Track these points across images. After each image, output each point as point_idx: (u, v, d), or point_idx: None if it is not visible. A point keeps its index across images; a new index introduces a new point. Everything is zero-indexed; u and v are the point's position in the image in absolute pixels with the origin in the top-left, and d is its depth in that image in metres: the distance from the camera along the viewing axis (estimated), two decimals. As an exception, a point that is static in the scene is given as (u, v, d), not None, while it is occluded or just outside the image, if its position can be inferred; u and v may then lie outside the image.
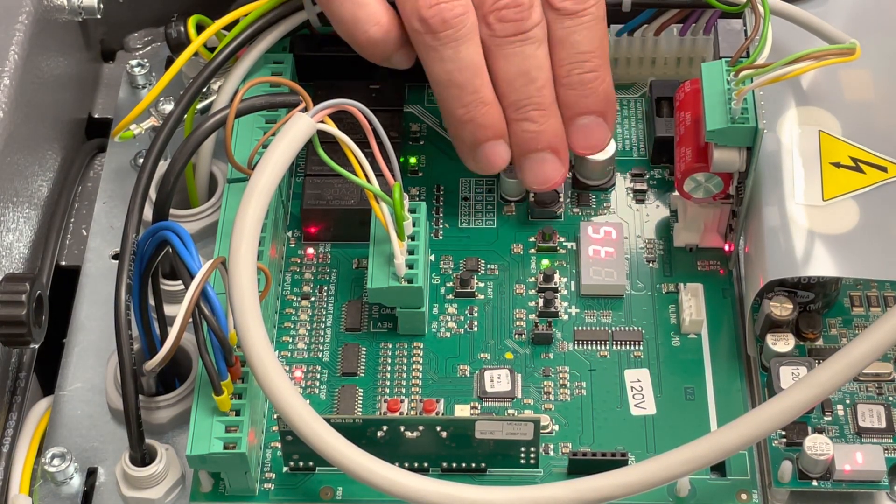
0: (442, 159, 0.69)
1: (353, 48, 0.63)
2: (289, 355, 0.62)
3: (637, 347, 0.62)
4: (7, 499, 0.58)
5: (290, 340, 0.62)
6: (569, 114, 0.63)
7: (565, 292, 0.64)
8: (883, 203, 0.58)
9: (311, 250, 0.65)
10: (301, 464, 0.58)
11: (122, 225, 0.58)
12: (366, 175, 0.58)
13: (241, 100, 0.58)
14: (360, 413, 0.60)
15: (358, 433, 0.55)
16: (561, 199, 0.66)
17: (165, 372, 0.59)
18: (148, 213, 0.61)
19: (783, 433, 0.58)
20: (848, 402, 0.59)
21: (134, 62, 0.74)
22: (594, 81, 0.62)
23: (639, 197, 0.67)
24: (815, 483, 0.57)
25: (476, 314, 0.63)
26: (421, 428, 0.56)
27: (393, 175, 0.59)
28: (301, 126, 0.57)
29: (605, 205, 0.67)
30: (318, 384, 0.61)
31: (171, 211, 0.61)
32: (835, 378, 0.53)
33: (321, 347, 0.62)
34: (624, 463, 0.57)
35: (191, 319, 0.53)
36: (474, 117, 0.61)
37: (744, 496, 0.57)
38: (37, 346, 0.60)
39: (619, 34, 0.69)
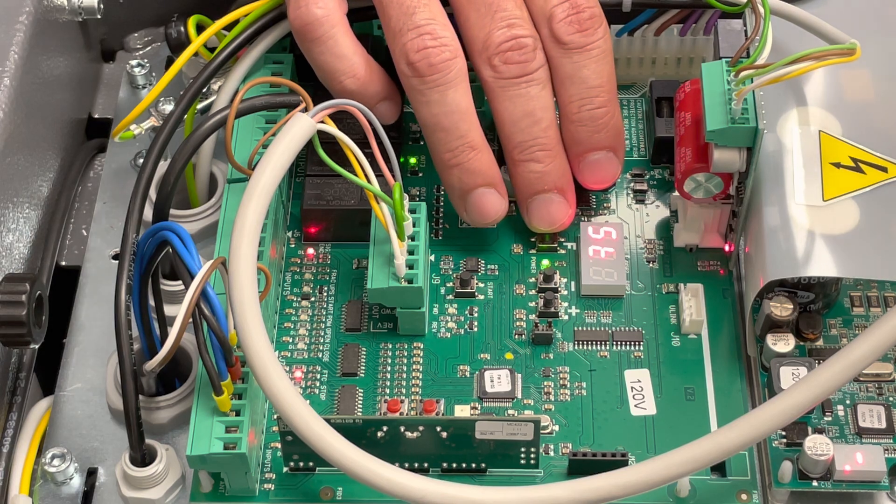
0: (442, 159, 0.69)
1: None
2: (289, 355, 0.62)
3: (637, 348, 0.62)
4: (7, 499, 0.58)
5: (290, 340, 0.62)
6: (579, 150, 0.63)
7: (565, 292, 0.64)
8: (883, 203, 0.58)
9: (311, 250, 0.65)
10: (301, 464, 0.58)
11: (122, 225, 0.58)
12: (366, 175, 0.58)
13: (241, 100, 0.58)
14: (360, 413, 0.60)
15: (358, 433, 0.55)
16: (561, 200, 0.66)
17: (165, 372, 0.59)
18: (148, 213, 0.61)
19: (783, 433, 0.58)
20: (848, 402, 0.59)
21: (134, 62, 0.74)
22: (604, 117, 0.62)
23: (639, 197, 0.67)
24: (815, 483, 0.57)
25: (476, 314, 0.63)
26: (421, 428, 0.56)
27: (393, 175, 0.59)
28: (301, 126, 0.57)
29: (605, 205, 0.67)
30: (318, 384, 0.61)
31: (171, 211, 0.61)
32: (835, 378, 0.53)
33: (321, 348, 0.62)
34: (624, 463, 0.57)
35: (191, 320, 0.53)
36: (461, 162, 0.62)
37: (744, 496, 0.57)
38: (37, 347, 0.60)
39: (619, 34, 0.69)
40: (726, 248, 0.65)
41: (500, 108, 0.62)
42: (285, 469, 0.58)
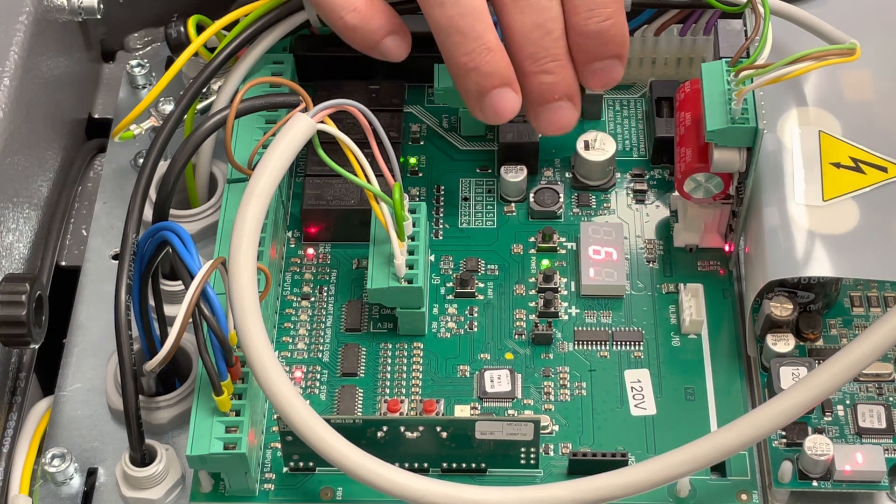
0: (442, 159, 0.69)
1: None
2: (289, 355, 0.62)
3: (637, 348, 0.62)
4: (7, 499, 0.58)
5: (290, 341, 0.62)
6: (585, 59, 0.62)
7: (565, 292, 0.64)
8: (883, 203, 0.58)
9: (311, 250, 0.65)
10: (301, 464, 0.58)
11: (122, 225, 0.58)
12: (366, 175, 0.58)
13: (241, 100, 0.58)
14: (360, 413, 0.60)
15: (358, 433, 0.55)
16: (561, 200, 0.66)
17: (165, 372, 0.59)
18: (148, 213, 0.61)
19: (783, 433, 0.58)
20: (848, 402, 0.59)
21: (134, 62, 0.74)
22: (612, 29, 0.61)
23: (639, 197, 0.67)
24: (815, 483, 0.57)
25: (476, 314, 0.63)
26: (421, 428, 0.56)
27: (393, 175, 0.59)
28: (301, 126, 0.57)
29: (605, 205, 0.67)
30: (318, 384, 0.61)
31: (171, 211, 0.61)
32: (835, 378, 0.53)
33: (321, 348, 0.62)
34: (624, 463, 0.57)
35: (191, 320, 0.53)
36: (478, 65, 0.60)
37: (744, 496, 0.57)
38: (37, 347, 0.60)
39: (619, 34, 0.69)
40: (726, 248, 0.65)
41: (511, 19, 0.60)
42: (285, 469, 0.58)
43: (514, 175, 0.66)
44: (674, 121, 0.64)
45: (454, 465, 0.58)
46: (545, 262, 0.65)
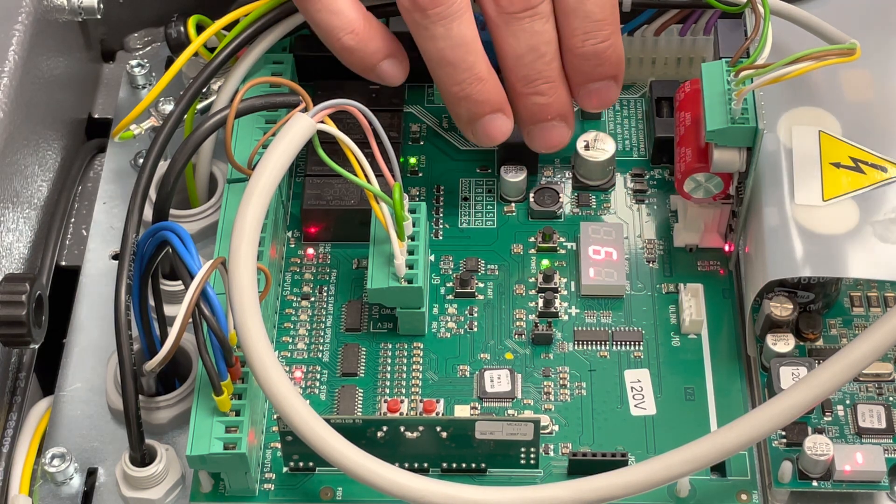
0: (442, 159, 0.69)
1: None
2: (289, 355, 0.62)
3: (637, 348, 0.62)
4: (7, 499, 0.58)
5: (290, 340, 0.62)
6: (581, 80, 0.62)
7: (565, 292, 0.64)
8: (883, 203, 0.58)
9: (311, 250, 0.65)
10: (301, 464, 0.58)
11: (122, 225, 0.58)
12: (366, 175, 0.58)
13: (241, 100, 0.58)
14: (360, 413, 0.60)
15: (358, 433, 0.55)
16: (561, 199, 0.66)
17: (165, 372, 0.59)
18: (148, 213, 0.61)
19: (783, 433, 0.58)
20: (848, 402, 0.59)
21: (134, 62, 0.74)
22: (608, 50, 0.61)
23: (639, 197, 0.67)
24: (815, 483, 0.57)
25: (476, 314, 0.63)
26: (421, 428, 0.56)
27: (393, 175, 0.59)
28: (301, 126, 0.57)
29: (605, 205, 0.67)
30: (318, 384, 0.61)
31: (171, 211, 0.61)
32: (835, 378, 0.53)
33: (321, 348, 0.62)
34: (624, 463, 0.57)
35: (191, 320, 0.53)
36: (469, 94, 0.61)
37: (744, 496, 0.57)
38: (37, 347, 0.60)
39: (619, 34, 0.69)
40: (726, 248, 0.65)
41: (504, 43, 0.61)
42: (285, 469, 0.58)
43: (514, 175, 0.66)
44: (674, 121, 0.64)
45: (454, 465, 0.58)
46: (545, 262, 0.65)
